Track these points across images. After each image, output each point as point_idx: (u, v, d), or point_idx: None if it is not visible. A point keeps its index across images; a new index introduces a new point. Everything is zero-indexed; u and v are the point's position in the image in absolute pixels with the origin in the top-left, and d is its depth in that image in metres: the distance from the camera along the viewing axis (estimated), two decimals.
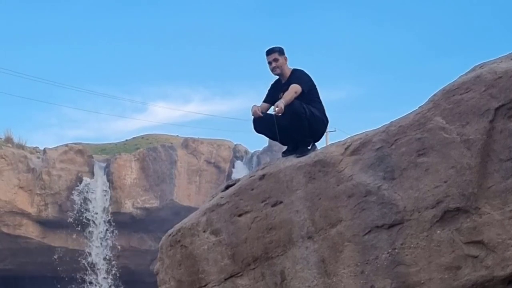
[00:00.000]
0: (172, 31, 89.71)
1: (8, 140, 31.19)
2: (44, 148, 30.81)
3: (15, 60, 76.00)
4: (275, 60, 8.09)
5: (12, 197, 27.95)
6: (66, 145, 31.37)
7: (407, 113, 6.85)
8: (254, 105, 8.03)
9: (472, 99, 6.27)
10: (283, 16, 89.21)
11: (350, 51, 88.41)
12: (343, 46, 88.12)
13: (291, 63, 8.24)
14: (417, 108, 6.78)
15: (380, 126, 7.01)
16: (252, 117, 8.04)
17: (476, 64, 6.73)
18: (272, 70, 8.17)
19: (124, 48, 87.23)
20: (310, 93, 7.96)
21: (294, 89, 7.78)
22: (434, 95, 6.65)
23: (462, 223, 6.09)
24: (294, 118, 7.71)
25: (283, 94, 7.83)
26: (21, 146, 31.19)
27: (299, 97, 7.76)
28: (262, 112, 8.00)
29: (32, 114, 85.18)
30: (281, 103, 7.58)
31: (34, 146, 33.07)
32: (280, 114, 7.61)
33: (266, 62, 8.16)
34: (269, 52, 8.14)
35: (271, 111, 8.07)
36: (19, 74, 76.15)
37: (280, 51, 8.13)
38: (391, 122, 6.91)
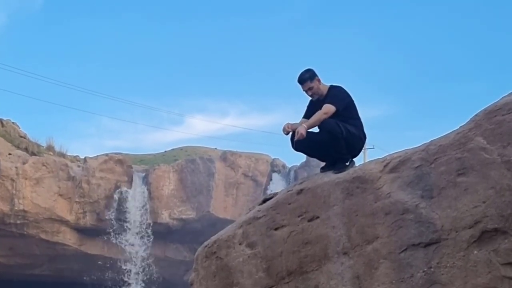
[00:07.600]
0: (211, 46, 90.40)
1: (50, 148, 31.69)
2: (85, 157, 31.22)
3: (57, 70, 77.40)
4: (310, 88, 8.04)
5: (52, 204, 28.32)
6: (107, 154, 31.74)
7: (447, 132, 6.81)
8: (287, 123, 8.02)
9: None
10: (321, 32, 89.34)
11: (391, 69, 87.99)
12: (384, 63, 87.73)
13: (328, 79, 8.18)
14: (458, 127, 6.74)
15: (420, 145, 6.98)
16: (289, 135, 8.02)
17: None
18: (311, 97, 8.16)
19: (162, 60, 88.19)
20: (347, 110, 7.92)
21: (324, 110, 7.75)
22: (476, 115, 6.61)
23: (500, 244, 6.02)
24: (330, 137, 7.69)
25: None
26: (62, 155, 31.65)
27: (336, 115, 7.74)
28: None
29: (71, 123, 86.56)
30: (302, 129, 7.63)
31: (75, 154, 33.54)
32: (301, 138, 7.63)
33: (301, 90, 8.13)
34: (300, 82, 8.08)
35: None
36: (59, 83, 77.31)
37: (311, 77, 8.03)
38: (431, 141, 6.88)
